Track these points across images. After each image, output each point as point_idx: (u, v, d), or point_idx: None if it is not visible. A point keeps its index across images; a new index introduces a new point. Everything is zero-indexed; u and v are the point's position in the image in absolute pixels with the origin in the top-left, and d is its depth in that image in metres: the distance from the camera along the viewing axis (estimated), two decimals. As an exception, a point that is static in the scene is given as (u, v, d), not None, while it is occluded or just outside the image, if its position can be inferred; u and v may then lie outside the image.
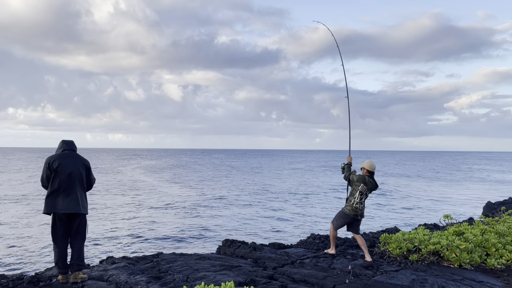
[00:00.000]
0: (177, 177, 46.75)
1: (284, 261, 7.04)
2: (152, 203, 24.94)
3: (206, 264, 6.64)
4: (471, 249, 7.25)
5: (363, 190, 7.02)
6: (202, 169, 63.64)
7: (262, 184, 38.63)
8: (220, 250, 7.93)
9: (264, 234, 16.04)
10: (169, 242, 13.97)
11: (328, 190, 35.35)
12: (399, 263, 7.04)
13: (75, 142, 5.79)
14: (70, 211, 5.24)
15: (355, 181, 7.10)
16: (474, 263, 7.08)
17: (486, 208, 15.26)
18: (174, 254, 7.36)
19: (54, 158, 5.39)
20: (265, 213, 21.28)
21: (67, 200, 5.26)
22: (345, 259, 7.19)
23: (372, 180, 7.07)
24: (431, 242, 7.26)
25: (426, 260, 7.14)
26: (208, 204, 24.69)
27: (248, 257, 7.40)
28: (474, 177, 54.29)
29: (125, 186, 35.64)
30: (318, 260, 7.04)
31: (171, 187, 34.52)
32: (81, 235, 5.42)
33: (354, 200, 7.06)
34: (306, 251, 7.85)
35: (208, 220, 18.97)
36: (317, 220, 20.10)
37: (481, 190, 36.61)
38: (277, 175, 52.29)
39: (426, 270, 6.70)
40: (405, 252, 7.36)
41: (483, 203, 27.11)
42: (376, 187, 7.13)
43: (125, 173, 53.31)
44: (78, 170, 5.45)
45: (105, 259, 6.79)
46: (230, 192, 31.79)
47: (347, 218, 7.16)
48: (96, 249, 12.39)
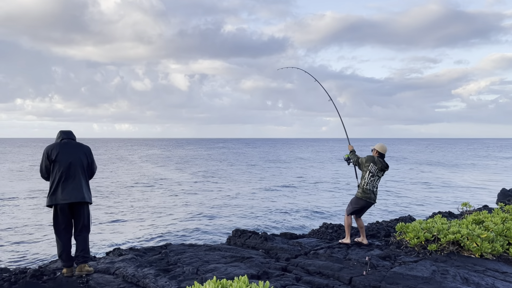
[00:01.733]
0: (186, 167, 46.50)
1: (297, 252, 6.77)
2: (160, 192, 24.76)
3: (216, 256, 6.40)
4: (493, 238, 6.93)
5: (373, 170, 6.87)
6: (211, 159, 63.43)
7: (270, 174, 38.28)
8: (230, 241, 7.68)
9: (273, 224, 15.78)
10: (177, 232, 13.71)
11: (340, 180, 35.05)
12: (417, 254, 6.75)
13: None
14: (73, 201, 5.00)
15: (364, 162, 6.95)
16: (496, 253, 6.77)
17: (501, 195, 14.89)
18: (183, 245, 7.13)
19: (53, 147, 5.14)
20: (274, 203, 20.98)
21: (69, 189, 5.01)
22: (360, 250, 6.91)
23: (382, 160, 6.91)
24: (450, 231, 6.95)
25: (445, 250, 6.84)
26: (216, 194, 24.42)
27: (259, 247, 7.14)
28: (485, 164, 53.61)
29: (132, 175, 35.59)
30: (332, 250, 6.77)
31: (179, 177, 34.34)
32: (85, 226, 5.19)
33: (364, 181, 6.92)
34: (319, 241, 7.58)
35: (216, 210, 18.71)
36: (328, 209, 19.81)
37: (491, 177, 36.09)
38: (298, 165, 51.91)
39: (446, 261, 6.40)
40: (423, 242, 7.06)
41: (494, 190, 26.76)
42: (387, 167, 6.97)
43: (132, 162, 53.34)
44: (79, 158, 5.19)
45: (112, 250, 6.57)
46: (237, 182, 31.52)
47: (360, 203, 6.97)
48: (102, 241, 12.18)
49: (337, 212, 18.85)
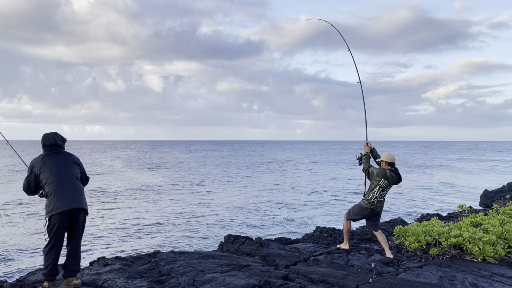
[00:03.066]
0: (168, 170, 45.27)
1: (295, 258, 6.41)
2: (142, 198, 23.71)
3: (211, 264, 5.96)
4: (494, 241, 6.77)
5: (383, 185, 6.34)
6: (192, 162, 62.37)
7: (256, 178, 37.72)
8: (223, 247, 7.25)
9: (265, 228, 15.23)
10: (165, 239, 12.95)
11: (329, 182, 34.97)
12: (420, 258, 6.50)
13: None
14: (76, 206, 4.58)
15: (374, 175, 6.39)
16: (497, 256, 6.60)
17: (484, 197, 14.99)
18: (173, 253, 6.65)
19: (39, 159, 4.71)
20: (263, 207, 20.42)
21: (70, 195, 4.58)
22: (360, 255, 6.61)
23: (393, 174, 6.33)
24: (451, 234, 6.75)
25: (447, 254, 6.63)
26: (201, 199, 23.50)
27: (255, 254, 6.74)
28: (459, 166, 54.89)
29: (111, 180, 34.37)
30: (333, 256, 6.44)
31: (160, 181, 33.30)
32: (81, 235, 4.73)
33: (373, 195, 6.41)
34: (317, 246, 7.25)
35: (203, 215, 17.93)
36: (319, 212, 19.51)
37: (469, 179, 36.84)
38: (276, 168, 51.56)
39: (450, 266, 6.19)
40: (424, 246, 6.84)
41: (475, 191, 27.23)
42: (399, 180, 6.41)
43: (110, 166, 51.84)
44: (70, 167, 4.77)
45: (96, 260, 6.03)
46: (223, 185, 30.76)
47: (363, 212, 6.56)
48: (84, 249, 11.40)
49: (328, 216, 18.60)
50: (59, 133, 4.93)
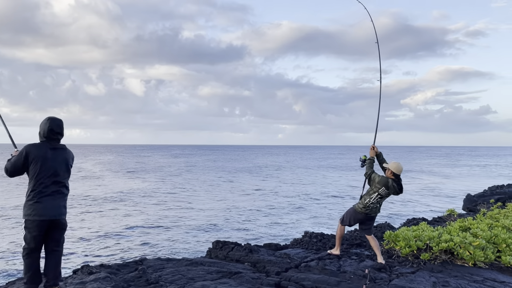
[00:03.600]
0: (151, 175, 44.40)
1: (286, 265, 6.27)
2: (124, 203, 23.08)
3: (201, 271, 5.77)
4: (484, 246, 6.77)
5: (383, 193, 6.21)
6: (175, 167, 61.60)
7: (239, 183, 37.36)
8: (211, 253, 7.05)
9: (252, 234, 14.98)
10: (150, 245, 12.58)
11: (311, 187, 34.98)
12: (411, 264, 6.44)
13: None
14: (58, 217, 4.25)
15: (376, 182, 6.23)
16: (488, 261, 6.60)
17: (467, 201, 15.17)
18: (161, 260, 6.42)
19: (37, 149, 4.22)
20: (249, 212, 20.13)
21: (55, 204, 4.24)
22: (352, 261, 6.51)
23: (396, 185, 6.17)
24: (442, 239, 6.71)
25: (438, 259, 6.59)
26: (186, 204, 23.01)
27: (244, 260, 6.57)
28: (435, 171, 55.79)
29: (95, 185, 33.56)
30: (324, 262, 6.32)
31: (144, 186, 32.62)
32: (62, 244, 4.43)
33: (369, 200, 6.28)
34: (307, 252, 7.12)
35: (188, 220, 17.55)
36: (303, 217, 19.39)
37: (449, 184, 37.44)
38: (259, 173, 51.35)
39: (442, 271, 6.15)
40: (415, 251, 6.78)
41: (456, 196, 27.64)
42: (399, 192, 6.25)
43: (92, 170, 50.78)
44: (65, 167, 4.41)
45: (80, 268, 5.76)
46: (207, 191, 30.31)
47: (358, 216, 6.46)
48: (67, 257, 10.91)
49: (312, 219, 18.52)
50: None
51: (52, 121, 4.34)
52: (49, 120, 4.34)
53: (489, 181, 38.77)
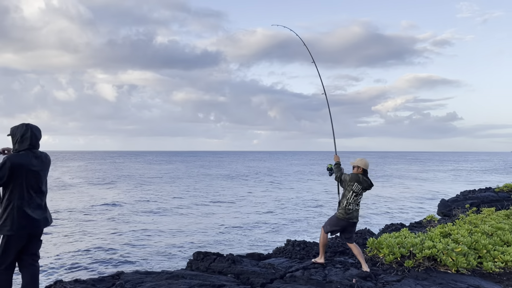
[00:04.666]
0: (123, 183, 43.17)
1: (271, 275, 6.09)
2: (99, 213, 22.20)
3: (182, 285, 5.51)
4: (466, 252, 6.80)
5: (357, 189, 6.26)
6: (149, 175, 60.33)
7: (215, 190, 36.76)
8: (192, 265, 6.78)
9: (232, 243, 14.65)
10: (126, 258, 12.00)
11: (288, 194, 34.91)
12: (396, 271, 6.39)
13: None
14: (42, 227, 4.00)
15: (347, 180, 6.32)
16: (470, 267, 6.63)
17: (441, 206, 15.41)
18: (139, 273, 6.12)
19: (22, 160, 3.93)
20: (227, 221, 19.70)
21: (38, 213, 3.96)
22: (337, 269, 6.40)
23: (366, 179, 6.34)
24: (425, 246, 6.71)
25: (421, 266, 6.57)
26: (162, 213, 22.26)
27: (227, 272, 6.35)
28: (407, 176, 56.97)
29: (64, 194, 32.33)
30: (310, 272, 6.18)
31: (116, 195, 31.64)
32: (38, 254, 4.14)
33: (347, 201, 6.29)
34: (291, 261, 6.98)
35: (167, 231, 17.01)
36: (285, 223, 19.24)
37: (420, 188, 38.21)
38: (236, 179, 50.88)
39: (427, 278, 6.11)
40: (399, 258, 6.75)
41: (428, 200, 28.18)
42: (371, 186, 6.39)
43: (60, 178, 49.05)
44: (45, 176, 4.15)
45: (53, 284, 5.40)
46: (182, 199, 29.68)
47: (340, 223, 6.38)
48: None
49: (291, 226, 18.40)
50: None
51: (34, 128, 4.11)
52: (30, 127, 4.09)
53: (457, 185, 39.87)
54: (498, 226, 8.25)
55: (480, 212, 11.11)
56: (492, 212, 10.54)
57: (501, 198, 14.82)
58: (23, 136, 4.01)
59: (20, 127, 4.06)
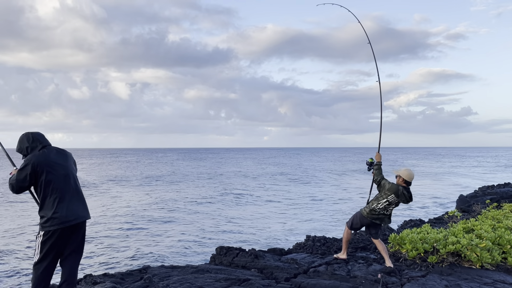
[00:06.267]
0: (145, 180, 43.51)
1: (294, 270, 6.14)
2: (120, 208, 22.53)
3: (208, 279, 5.60)
4: (490, 247, 6.76)
5: (392, 200, 6.11)
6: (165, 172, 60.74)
7: (232, 186, 36.72)
8: (215, 260, 6.87)
9: (252, 239, 14.68)
10: (150, 253, 12.19)
11: (305, 190, 34.89)
12: (420, 267, 6.38)
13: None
14: (81, 220, 4.03)
15: (386, 188, 6.13)
16: (494, 262, 6.58)
17: (460, 202, 15.28)
18: (165, 267, 6.23)
19: (43, 157, 3.97)
20: (245, 217, 19.74)
21: (75, 207, 4.00)
22: (360, 265, 6.42)
23: (406, 193, 6.10)
24: (449, 241, 6.68)
25: (445, 261, 6.55)
26: (181, 210, 22.36)
27: (250, 266, 6.41)
28: (422, 171, 56.40)
29: (90, 189, 32.79)
30: (333, 267, 6.21)
31: (137, 191, 32.00)
32: (82, 248, 4.21)
33: (378, 207, 6.19)
34: (313, 257, 7.00)
35: (187, 227, 17.14)
36: (300, 219, 19.26)
37: (436, 184, 37.83)
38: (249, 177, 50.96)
39: (451, 274, 6.09)
40: (422, 254, 6.73)
41: (446, 196, 27.89)
42: (410, 201, 6.18)
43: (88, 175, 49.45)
44: (72, 168, 4.21)
45: (83, 278, 5.54)
46: (199, 195, 29.81)
47: (365, 221, 6.38)
48: None
49: (308, 222, 18.39)
50: None
51: (34, 132, 4.17)
52: (29, 132, 4.15)
53: (474, 181, 39.37)
54: (522, 222, 8.15)
55: (501, 207, 10.98)
56: (514, 207, 10.41)
57: (521, 193, 14.65)
58: (29, 141, 4.07)
59: (21, 139, 4.12)
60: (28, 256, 12.06)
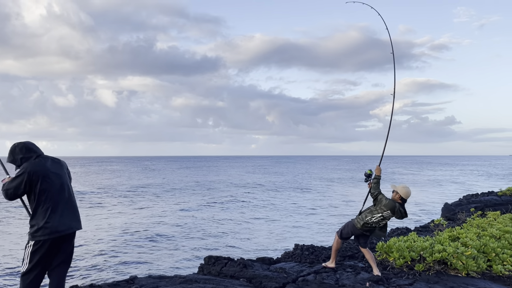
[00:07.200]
0: (131, 189, 42.95)
1: (283, 280, 6.14)
2: (106, 218, 22.16)
3: (197, 289, 5.55)
4: (475, 255, 6.86)
5: (387, 216, 6.15)
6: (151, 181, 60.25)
7: (219, 195, 36.52)
8: (203, 270, 6.83)
9: (240, 248, 14.61)
10: (137, 263, 11.97)
11: (291, 199, 34.91)
12: (407, 275, 6.44)
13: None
14: (74, 230, 4.02)
15: (382, 204, 6.15)
16: (480, 270, 6.68)
17: (445, 210, 15.49)
18: (152, 278, 6.16)
19: (38, 166, 3.95)
20: (231, 226, 19.65)
21: (68, 217, 3.99)
22: (348, 273, 6.45)
23: (402, 209, 6.14)
24: (435, 249, 6.76)
25: (432, 269, 6.62)
26: (168, 218, 22.17)
27: (239, 276, 6.39)
28: (407, 180, 56.99)
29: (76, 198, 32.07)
30: (321, 276, 6.23)
31: (123, 200, 31.56)
32: (71, 259, 4.18)
33: (370, 219, 6.22)
34: (301, 266, 7.02)
35: (175, 236, 16.93)
36: (288, 228, 19.23)
37: (421, 192, 38.25)
38: (234, 185, 50.86)
39: (438, 282, 6.16)
40: (409, 262, 6.79)
41: (430, 204, 28.19)
42: (405, 217, 6.24)
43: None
44: (66, 177, 4.18)
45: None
46: (187, 204, 29.59)
47: (356, 231, 6.42)
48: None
49: (297, 231, 18.39)
50: None
51: (26, 142, 4.13)
52: (19, 142, 4.11)
53: (458, 189, 39.92)
54: (506, 230, 8.30)
55: (486, 216, 11.16)
56: (498, 215, 10.60)
57: (504, 201, 14.91)
58: (23, 151, 4.03)
59: (13, 149, 4.07)
60: (15, 266, 11.81)
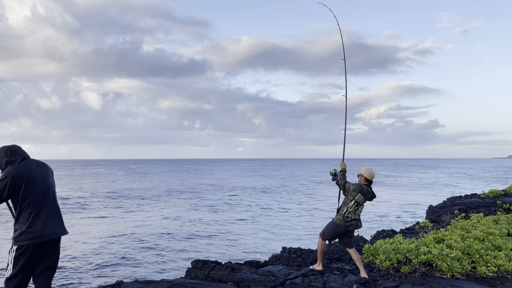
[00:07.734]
0: (116, 192, 42.41)
1: (271, 283, 6.13)
2: (92, 222, 21.82)
3: (184, 293, 5.52)
4: (460, 257, 6.96)
5: (359, 200, 6.33)
6: (135, 184, 59.65)
7: (205, 198, 36.35)
8: (191, 274, 6.79)
9: (228, 251, 14.52)
10: (123, 267, 11.80)
11: (276, 200, 34.91)
12: (393, 277, 6.50)
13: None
14: (58, 235, 3.93)
15: (351, 190, 6.36)
16: (464, 272, 6.78)
17: (429, 212, 15.66)
18: (139, 283, 6.10)
19: (23, 169, 3.87)
20: (218, 229, 19.58)
21: (52, 222, 3.90)
22: (335, 276, 6.48)
23: (370, 190, 6.40)
24: (421, 251, 6.84)
25: (417, 271, 6.69)
26: (156, 222, 21.97)
27: (227, 280, 6.36)
28: (392, 183, 57.60)
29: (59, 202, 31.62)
30: (309, 279, 6.24)
31: (108, 204, 31.13)
32: (57, 264, 4.09)
33: (347, 210, 6.37)
34: (289, 269, 7.02)
35: (161, 240, 16.76)
36: (275, 230, 19.23)
37: (406, 195, 38.68)
38: (221, 188, 50.73)
39: (424, 283, 6.24)
40: (395, 264, 6.86)
41: (415, 206, 28.54)
42: (374, 197, 6.48)
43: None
44: (52, 181, 4.11)
45: (53, 295, 5.35)
46: (174, 208, 29.38)
47: (338, 229, 6.47)
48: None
49: (285, 233, 18.41)
50: None
51: (11, 145, 4.06)
52: (6, 146, 4.04)
53: (441, 191, 40.51)
54: (489, 231, 8.45)
55: (469, 218, 11.34)
56: (481, 217, 10.79)
57: (487, 203, 15.14)
58: (7, 154, 3.96)
59: (2, 151, 4.00)
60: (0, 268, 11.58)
